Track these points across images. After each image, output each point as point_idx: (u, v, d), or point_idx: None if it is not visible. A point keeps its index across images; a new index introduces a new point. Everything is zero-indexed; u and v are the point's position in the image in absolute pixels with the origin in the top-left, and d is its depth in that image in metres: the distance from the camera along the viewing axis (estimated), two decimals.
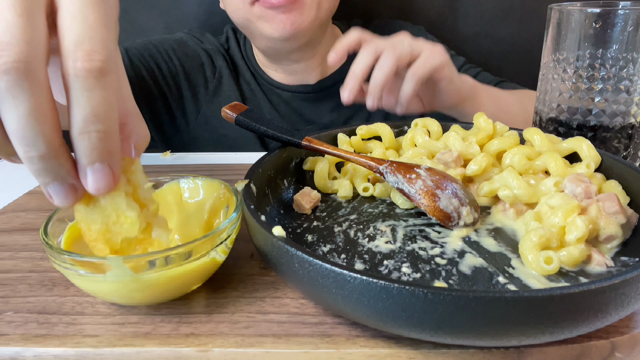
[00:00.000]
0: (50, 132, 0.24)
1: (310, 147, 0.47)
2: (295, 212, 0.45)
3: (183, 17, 1.01)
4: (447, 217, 0.41)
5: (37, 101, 0.24)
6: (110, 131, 0.26)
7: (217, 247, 0.34)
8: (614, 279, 0.27)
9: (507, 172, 0.42)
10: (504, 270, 0.36)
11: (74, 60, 0.24)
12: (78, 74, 0.24)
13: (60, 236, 0.35)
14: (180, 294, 0.36)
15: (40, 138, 0.24)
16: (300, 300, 0.35)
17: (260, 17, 0.72)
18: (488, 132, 0.49)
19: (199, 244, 0.32)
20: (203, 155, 0.73)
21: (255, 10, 0.72)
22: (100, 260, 0.30)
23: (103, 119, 0.25)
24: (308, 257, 0.30)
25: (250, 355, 0.31)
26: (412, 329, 0.28)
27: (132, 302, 0.35)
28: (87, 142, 0.25)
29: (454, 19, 1.00)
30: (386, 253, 0.38)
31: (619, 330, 0.31)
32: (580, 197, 0.38)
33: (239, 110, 0.50)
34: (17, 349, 0.31)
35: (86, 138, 0.25)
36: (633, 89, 0.50)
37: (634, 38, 0.49)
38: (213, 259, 0.34)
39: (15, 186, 0.57)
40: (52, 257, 0.31)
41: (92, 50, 0.24)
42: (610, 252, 0.37)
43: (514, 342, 0.28)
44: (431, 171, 0.43)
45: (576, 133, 0.53)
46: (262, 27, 0.73)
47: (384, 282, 0.27)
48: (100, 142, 0.25)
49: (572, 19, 0.51)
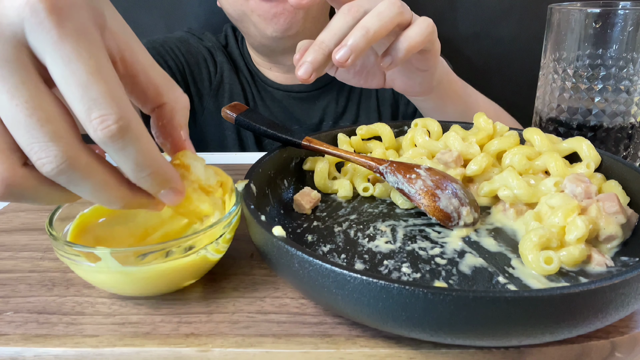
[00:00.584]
0: (161, 165, 0.28)
1: (310, 147, 0.47)
2: (295, 212, 0.45)
3: (183, 17, 1.01)
4: (447, 217, 0.41)
5: (141, 148, 0.26)
6: (157, 168, 0.28)
7: (208, 246, 0.34)
8: (614, 279, 0.27)
9: (507, 172, 0.42)
10: (504, 270, 0.36)
11: (93, 131, 0.25)
12: (103, 142, 0.25)
13: (68, 225, 0.37)
14: (173, 288, 0.36)
15: (155, 173, 0.28)
16: (300, 300, 0.35)
17: (254, 10, 0.73)
18: (488, 132, 0.49)
19: (179, 242, 0.33)
20: (203, 155, 0.73)
21: (251, 3, 0.72)
22: (90, 250, 0.31)
23: (147, 164, 0.27)
24: (308, 257, 0.30)
25: (250, 355, 0.31)
26: (412, 329, 0.28)
27: (125, 293, 0.36)
28: (144, 184, 0.28)
29: (454, 19, 1.00)
30: (386, 253, 0.38)
31: (619, 330, 0.31)
32: (580, 197, 0.38)
33: (239, 110, 0.50)
34: (17, 349, 0.31)
35: (142, 182, 0.28)
36: (633, 89, 0.50)
37: (634, 38, 0.49)
38: (204, 256, 0.34)
39: None
40: (54, 245, 0.33)
41: (103, 116, 0.24)
42: (610, 252, 0.37)
43: (514, 342, 0.28)
44: (431, 171, 0.43)
45: (576, 133, 0.53)
46: (257, 23, 0.74)
47: (384, 282, 0.27)
48: (154, 180, 0.28)
49: (572, 19, 0.51)
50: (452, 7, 0.99)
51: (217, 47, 0.88)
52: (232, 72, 0.87)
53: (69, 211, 0.38)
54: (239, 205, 0.37)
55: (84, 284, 0.38)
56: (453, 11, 1.00)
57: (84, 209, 0.39)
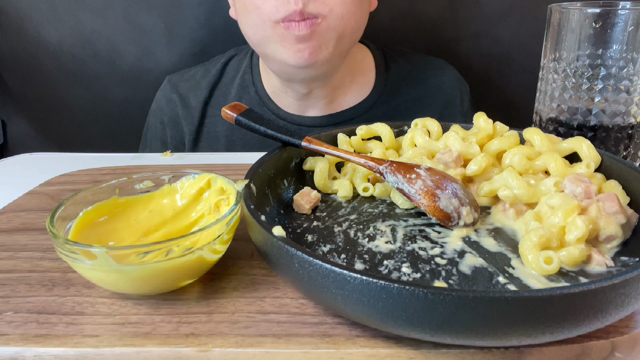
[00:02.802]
0: None
1: (310, 148, 0.47)
2: (295, 212, 0.45)
3: (183, 17, 1.01)
4: (447, 217, 0.41)
5: None
6: None
7: (205, 246, 0.34)
8: (614, 279, 0.27)
9: (507, 172, 0.42)
10: (504, 270, 0.36)
11: None
12: None
13: (70, 223, 0.37)
14: (172, 287, 0.36)
15: None
16: (300, 300, 0.35)
17: (280, 39, 0.68)
18: (488, 132, 0.49)
19: (178, 241, 0.33)
20: (203, 155, 0.73)
21: (278, 29, 0.67)
22: (87, 248, 0.31)
23: None
24: (308, 257, 0.30)
25: (250, 355, 0.31)
26: (412, 329, 0.28)
27: (123, 291, 0.36)
28: None
29: (454, 19, 1.00)
30: (386, 253, 0.38)
31: (619, 330, 0.31)
32: (580, 197, 0.38)
33: (239, 110, 0.50)
34: (17, 349, 0.31)
35: None
36: (633, 89, 0.50)
37: (634, 38, 0.49)
38: (201, 257, 0.34)
39: (15, 186, 0.57)
40: (55, 243, 0.33)
41: None
42: (610, 252, 0.37)
43: (514, 342, 0.28)
44: (431, 171, 0.43)
45: (576, 133, 0.53)
46: (279, 52, 0.70)
47: (384, 282, 0.27)
48: None
49: (572, 19, 0.51)
50: (452, 7, 0.99)
51: (195, 86, 0.88)
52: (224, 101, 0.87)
53: (71, 210, 0.38)
54: (239, 205, 0.37)
55: (84, 284, 0.38)
56: (453, 11, 1.00)
57: (86, 207, 0.39)
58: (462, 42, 1.02)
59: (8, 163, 0.69)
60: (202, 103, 0.87)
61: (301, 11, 0.65)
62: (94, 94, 1.09)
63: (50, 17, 1.02)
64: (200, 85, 0.88)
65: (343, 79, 0.83)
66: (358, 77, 0.86)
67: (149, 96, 0.93)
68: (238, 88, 0.87)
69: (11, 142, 1.17)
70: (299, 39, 0.67)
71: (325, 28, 0.68)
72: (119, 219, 0.40)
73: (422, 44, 1.03)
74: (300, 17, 0.65)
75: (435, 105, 0.87)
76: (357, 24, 0.74)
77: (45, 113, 1.13)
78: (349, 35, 0.72)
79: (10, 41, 1.05)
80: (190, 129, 0.88)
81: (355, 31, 0.74)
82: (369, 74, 0.87)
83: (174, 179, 0.43)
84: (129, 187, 0.42)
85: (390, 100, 0.86)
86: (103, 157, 0.69)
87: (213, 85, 0.88)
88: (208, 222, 0.40)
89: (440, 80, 0.88)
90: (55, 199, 0.53)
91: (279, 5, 0.66)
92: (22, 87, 1.11)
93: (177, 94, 0.88)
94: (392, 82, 0.86)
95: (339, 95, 0.84)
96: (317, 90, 0.81)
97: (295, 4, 0.65)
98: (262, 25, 0.69)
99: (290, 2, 0.65)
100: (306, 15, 0.66)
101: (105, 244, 0.38)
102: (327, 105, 0.84)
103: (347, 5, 0.69)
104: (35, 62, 1.06)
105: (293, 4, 0.65)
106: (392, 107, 0.86)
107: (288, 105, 0.84)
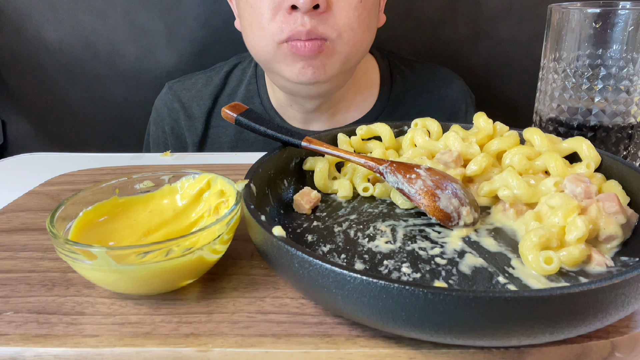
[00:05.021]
0: None
1: (310, 148, 0.47)
2: (295, 212, 0.45)
3: (183, 17, 1.01)
4: (447, 217, 0.41)
5: None
6: None
7: (205, 246, 0.34)
8: (614, 279, 0.27)
9: (507, 172, 0.42)
10: (504, 270, 0.36)
11: None
12: None
13: (70, 223, 0.38)
14: (171, 287, 0.36)
15: None
16: (300, 300, 0.35)
17: (284, 58, 0.68)
18: (488, 132, 0.49)
19: (177, 241, 0.33)
20: (203, 155, 0.73)
21: (282, 49, 0.67)
22: (86, 248, 0.31)
23: None
24: (308, 257, 0.30)
25: (250, 355, 0.31)
26: (412, 329, 0.28)
27: (122, 291, 0.36)
28: None
29: (454, 19, 1.00)
30: (386, 253, 0.38)
31: (619, 330, 0.31)
32: (580, 197, 0.38)
33: (239, 110, 0.50)
34: (17, 349, 0.31)
35: None
36: (633, 89, 0.50)
37: (634, 38, 0.49)
38: (200, 257, 0.34)
39: (15, 186, 0.57)
40: (55, 243, 0.33)
41: None
42: (610, 252, 0.37)
43: (514, 342, 0.28)
44: (431, 171, 0.43)
45: (576, 133, 0.53)
46: (282, 70, 0.69)
47: (384, 282, 0.27)
48: None
49: (572, 19, 0.51)
50: (452, 7, 0.99)
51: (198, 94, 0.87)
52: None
53: (71, 210, 0.38)
54: (239, 205, 0.37)
55: (84, 284, 0.38)
56: (453, 11, 1.00)
57: (86, 207, 0.39)
58: (462, 42, 1.02)
59: (8, 163, 0.69)
60: (206, 114, 0.87)
61: (308, 31, 0.64)
62: (94, 94, 1.09)
63: (50, 17, 1.02)
64: (202, 95, 0.87)
65: (347, 91, 0.82)
66: (363, 89, 0.85)
67: (149, 96, 0.93)
68: (242, 98, 0.86)
69: (11, 142, 1.17)
70: (303, 57, 0.67)
71: (332, 51, 0.67)
72: (119, 219, 0.40)
73: (422, 44, 1.03)
74: (307, 37, 0.65)
75: (440, 116, 0.87)
76: (364, 46, 0.73)
77: (45, 113, 1.13)
78: (355, 58, 0.72)
79: (10, 41, 1.05)
80: (194, 139, 0.87)
81: (362, 53, 0.73)
82: (374, 86, 0.86)
83: (174, 179, 0.43)
84: (129, 187, 0.42)
85: (394, 113, 0.85)
86: (103, 157, 0.69)
87: (216, 95, 0.87)
88: (208, 223, 0.40)
89: (445, 92, 0.87)
90: (55, 199, 0.53)
91: (284, 26, 0.65)
92: (22, 87, 1.11)
93: (179, 103, 0.87)
94: (395, 94, 0.86)
95: (342, 108, 0.84)
96: (321, 104, 0.80)
97: (302, 25, 0.64)
98: (266, 46, 0.68)
99: (297, 22, 0.64)
100: (313, 35, 0.65)
101: (105, 244, 0.38)
102: (331, 118, 0.84)
103: (354, 31, 0.68)
104: (35, 62, 1.07)
105: (300, 24, 0.64)
106: (395, 119, 0.85)
107: (292, 118, 0.84)
